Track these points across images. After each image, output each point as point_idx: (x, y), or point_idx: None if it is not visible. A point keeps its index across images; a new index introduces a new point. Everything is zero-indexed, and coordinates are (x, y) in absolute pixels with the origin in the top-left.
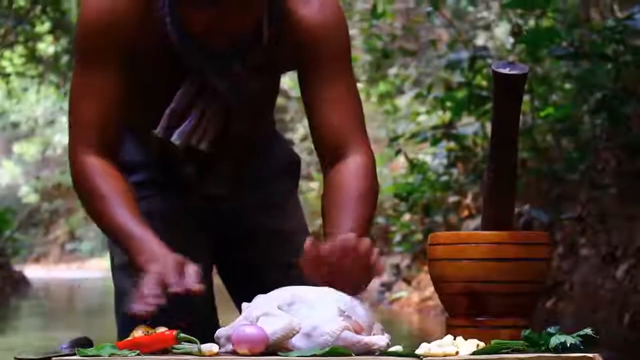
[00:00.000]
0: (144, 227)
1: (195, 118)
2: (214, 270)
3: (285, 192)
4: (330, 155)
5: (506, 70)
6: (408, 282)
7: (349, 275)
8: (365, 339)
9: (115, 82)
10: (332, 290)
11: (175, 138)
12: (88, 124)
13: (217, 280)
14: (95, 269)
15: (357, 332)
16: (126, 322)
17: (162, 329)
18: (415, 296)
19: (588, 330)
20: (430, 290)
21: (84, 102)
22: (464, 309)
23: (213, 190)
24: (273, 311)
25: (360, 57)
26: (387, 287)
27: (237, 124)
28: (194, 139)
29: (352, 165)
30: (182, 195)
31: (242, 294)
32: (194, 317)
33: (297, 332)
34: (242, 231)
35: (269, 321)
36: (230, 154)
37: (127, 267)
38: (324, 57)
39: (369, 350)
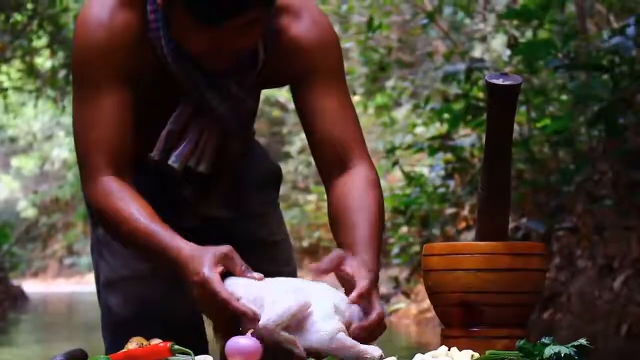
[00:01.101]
0: (178, 238)
1: (193, 139)
2: None
3: (268, 202)
4: (333, 167)
5: (500, 81)
6: (406, 294)
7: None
8: (360, 346)
9: (119, 103)
10: (327, 286)
11: (173, 161)
12: (100, 150)
13: None
14: (94, 284)
15: (348, 330)
16: (115, 339)
17: (156, 341)
18: (414, 308)
19: (582, 341)
20: (428, 301)
21: (92, 130)
22: (458, 320)
23: (211, 211)
24: (278, 297)
25: (357, 69)
26: (385, 299)
27: (232, 144)
28: (192, 161)
29: (359, 177)
30: (176, 217)
31: None
32: (185, 330)
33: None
34: (228, 243)
35: (273, 305)
36: (225, 173)
37: (113, 284)
38: (318, 72)
39: (361, 358)
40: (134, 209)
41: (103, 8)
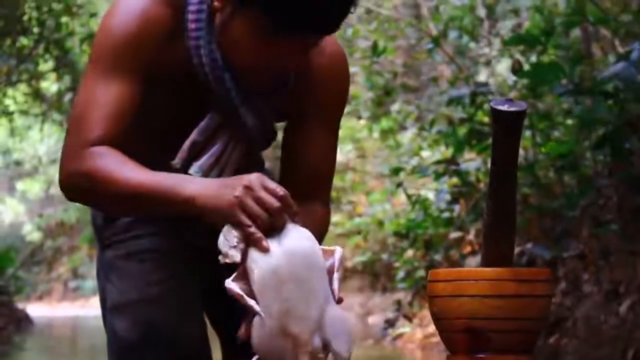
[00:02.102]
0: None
1: (216, 152)
2: None
3: None
4: (295, 194)
5: (505, 107)
6: (408, 317)
7: None
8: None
9: (129, 94)
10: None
11: (194, 170)
12: (99, 121)
13: None
14: (99, 307)
15: None
16: None
17: None
18: (419, 332)
19: None
20: (433, 326)
21: (95, 110)
22: (464, 346)
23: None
24: None
25: (363, 94)
26: (390, 323)
27: (253, 160)
28: (213, 173)
29: (313, 210)
30: (189, 235)
31: (228, 328)
32: (192, 356)
33: None
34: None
35: None
36: None
37: (120, 308)
38: (318, 111)
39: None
40: (133, 166)
41: (139, 2)
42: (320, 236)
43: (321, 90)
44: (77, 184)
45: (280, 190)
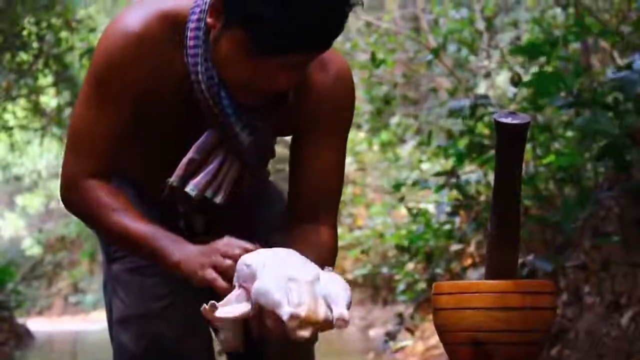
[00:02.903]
0: (165, 231)
1: (213, 170)
2: None
3: (282, 242)
4: (299, 216)
5: (508, 120)
6: (411, 331)
7: None
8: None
9: (124, 118)
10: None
11: (191, 189)
12: (93, 152)
13: None
14: (100, 322)
15: None
16: None
17: None
18: (420, 345)
19: None
20: (435, 339)
21: (91, 133)
22: (468, 359)
23: None
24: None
25: (362, 107)
26: (391, 336)
27: (250, 178)
28: (209, 191)
29: (323, 238)
30: None
31: None
32: None
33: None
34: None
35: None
36: (238, 206)
37: (126, 321)
38: (324, 128)
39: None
40: (124, 206)
41: (137, 20)
42: (324, 261)
43: (326, 107)
44: (73, 211)
45: (237, 250)
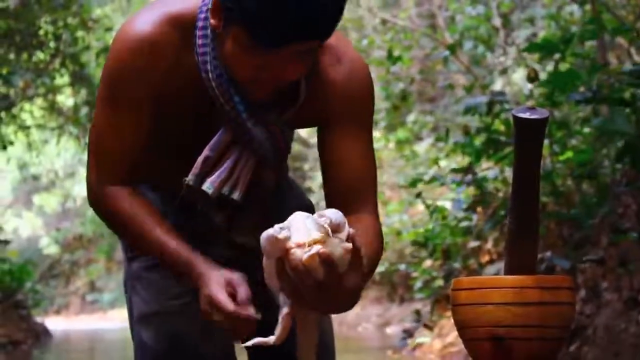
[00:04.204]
0: (186, 247)
1: (229, 167)
2: None
3: None
4: (341, 209)
5: (527, 115)
6: (429, 327)
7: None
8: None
9: (142, 125)
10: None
11: (207, 186)
12: (114, 159)
13: None
14: (117, 320)
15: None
16: None
17: None
18: (438, 342)
19: None
20: (452, 336)
21: (110, 140)
22: (488, 354)
23: (242, 239)
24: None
25: (378, 104)
26: (409, 333)
27: (266, 174)
28: (226, 188)
29: (367, 225)
30: (207, 246)
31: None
32: None
33: None
34: (260, 279)
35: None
36: (257, 202)
37: (147, 319)
38: (348, 120)
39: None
40: (146, 217)
41: (147, 24)
42: (371, 246)
43: (344, 99)
44: (100, 216)
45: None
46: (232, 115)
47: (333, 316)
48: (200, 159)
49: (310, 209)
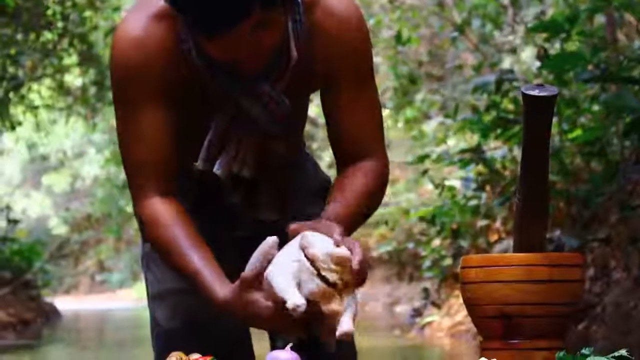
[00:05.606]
0: (216, 275)
1: (234, 146)
2: None
3: (319, 211)
4: (348, 159)
5: (535, 92)
6: (437, 305)
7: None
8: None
9: (160, 119)
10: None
11: (216, 168)
12: (144, 167)
13: None
14: (126, 300)
15: None
16: (160, 350)
17: (195, 356)
18: (447, 321)
19: (623, 352)
20: (461, 314)
21: (135, 150)
22: (497, 332)
23: (262, 215)
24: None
25: (387, 83)
26: (418, 312)
27: (274, 147)
28: (234, 167)
29: (364, 165)
30: (227, 226)
31: None
32: (232, 344)
33: None
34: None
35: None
36: (271, 177)
37: (160, 297)
38: (346, 70)
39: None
40: (178, 244)
41: (138, 24)
42: (381, 192)
43: (339, 51)
44: (146, 231)
45: None
46: (226, 96)
47: None
48: (205, 143)
49: (329, 184)
